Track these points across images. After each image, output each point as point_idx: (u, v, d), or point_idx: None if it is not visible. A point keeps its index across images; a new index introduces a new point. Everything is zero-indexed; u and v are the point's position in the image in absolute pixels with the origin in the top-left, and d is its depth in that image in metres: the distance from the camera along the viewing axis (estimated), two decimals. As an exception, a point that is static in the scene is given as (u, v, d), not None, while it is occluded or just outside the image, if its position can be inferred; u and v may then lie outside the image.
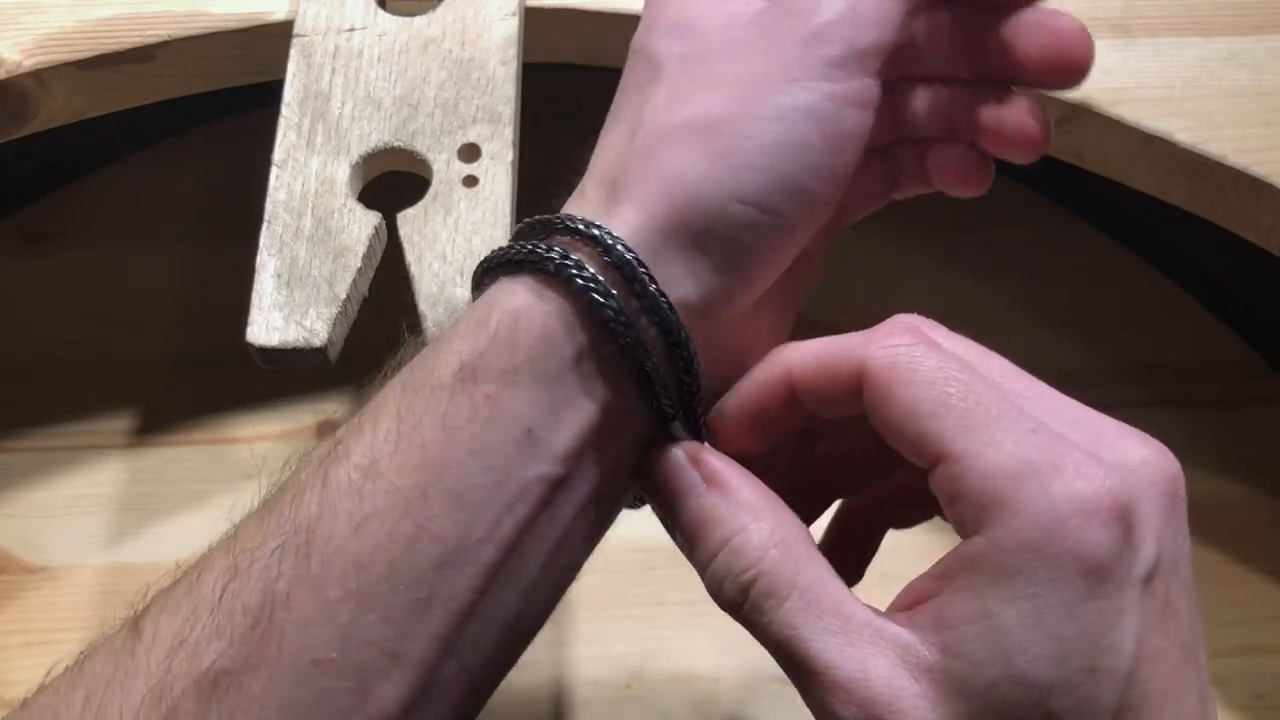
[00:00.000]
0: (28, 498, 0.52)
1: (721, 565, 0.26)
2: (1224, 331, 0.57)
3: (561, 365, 0.26)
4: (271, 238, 0.37)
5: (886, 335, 0.26)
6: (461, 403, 0.25)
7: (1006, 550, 0.23)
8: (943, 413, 0.24)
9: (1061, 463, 0.23)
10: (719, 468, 0.27)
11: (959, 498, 0.24)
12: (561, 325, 0.26)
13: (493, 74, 0.40)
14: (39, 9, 0.43)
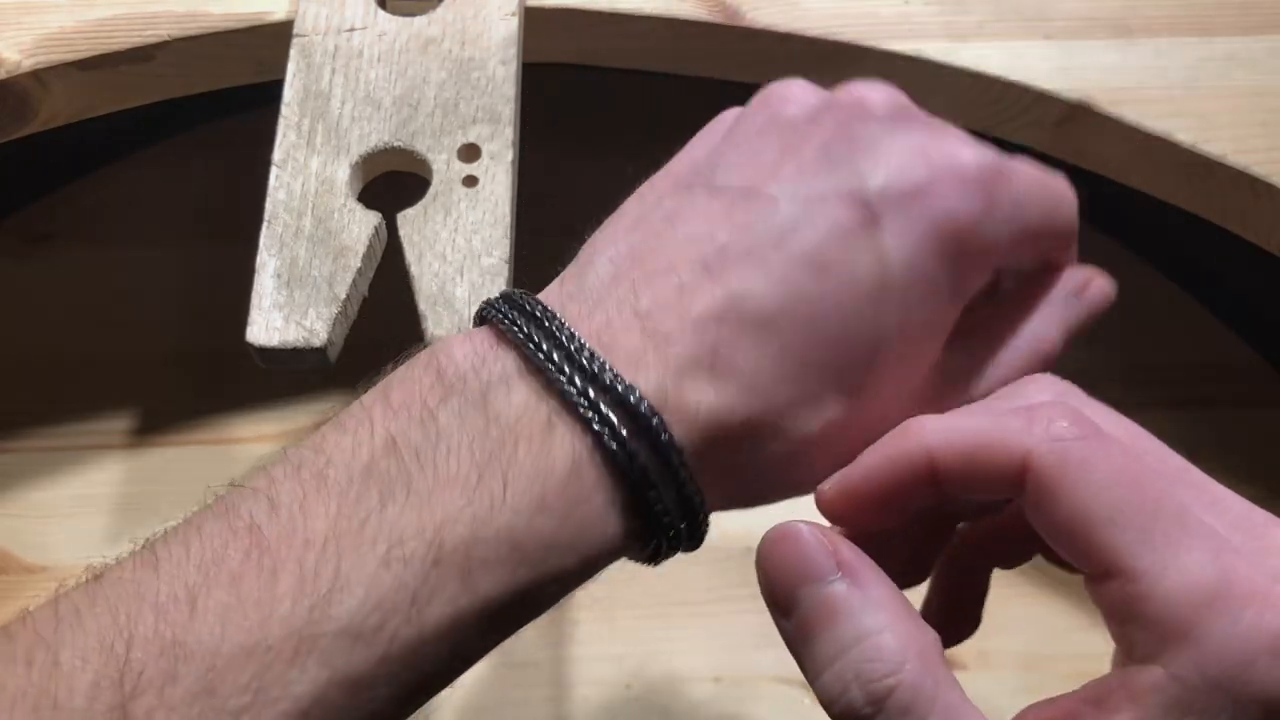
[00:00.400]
0: (28, 498, 0.52)
1: (851, 666, 0.24)
2: (1225, 333, 0.57)
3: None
4: (271, 238, 0.37)
5: (1050, 421, 0.23)
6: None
7: (1188, 685, 0.21)
8: (1122, 523, 0.22)
9: (1251, 590, 0.22)
10: (852, 558, 0.25)
11: (1134, 619, 0.22)
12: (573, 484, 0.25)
13: (493, 74, 0.40)
14: (39, 9, 0.43)
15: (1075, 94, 0.42)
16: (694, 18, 0.43)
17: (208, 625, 0.22)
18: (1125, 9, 0.45)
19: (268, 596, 0.23)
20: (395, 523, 0.23)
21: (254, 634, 0.22)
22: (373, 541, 0.23)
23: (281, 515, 0.24)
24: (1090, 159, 0.43)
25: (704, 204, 0.27)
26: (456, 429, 0.24)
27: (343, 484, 0.24)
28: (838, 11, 0.44)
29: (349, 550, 0.23)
